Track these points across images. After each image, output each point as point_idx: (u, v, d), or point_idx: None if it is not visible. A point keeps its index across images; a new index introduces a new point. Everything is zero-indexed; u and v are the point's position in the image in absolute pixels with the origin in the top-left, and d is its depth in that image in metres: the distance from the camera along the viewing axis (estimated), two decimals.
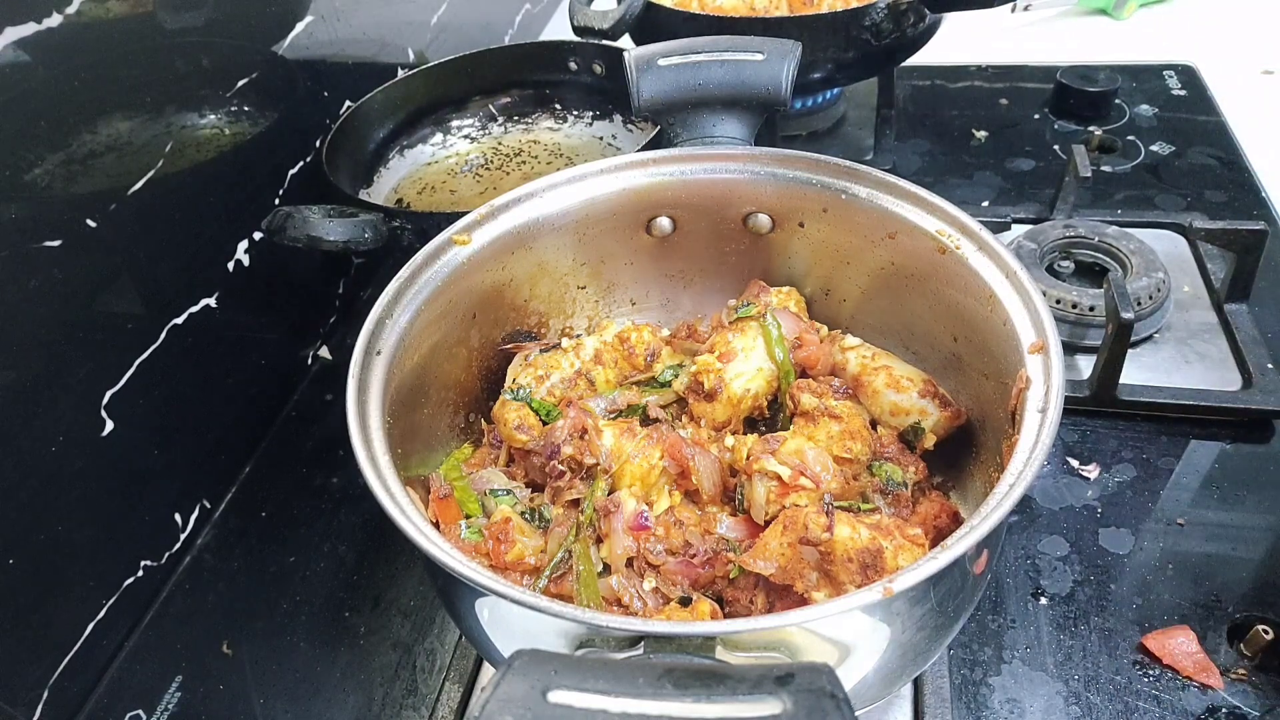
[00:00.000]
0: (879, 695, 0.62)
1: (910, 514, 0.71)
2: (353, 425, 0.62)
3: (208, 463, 1.00)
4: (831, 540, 0.60)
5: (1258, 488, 0.90)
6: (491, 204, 0.80)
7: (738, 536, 0.71)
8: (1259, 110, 1.45)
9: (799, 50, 0.81)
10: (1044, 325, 0.62)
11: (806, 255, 0.86)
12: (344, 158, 1.16)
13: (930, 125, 1.49)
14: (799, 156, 0.80)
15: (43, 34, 0.76)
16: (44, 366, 0.78)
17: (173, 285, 0.93)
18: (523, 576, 0.70)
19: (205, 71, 0.97)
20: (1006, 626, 0.81)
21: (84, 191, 0.82)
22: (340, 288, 1.25)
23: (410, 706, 0.81)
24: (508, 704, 0.37)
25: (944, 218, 0.73)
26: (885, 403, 0.77)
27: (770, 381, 0.81)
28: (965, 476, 0.76)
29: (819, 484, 0.69)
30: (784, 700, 0.37)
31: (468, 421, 0.84)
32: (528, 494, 0.77)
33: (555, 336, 0.90)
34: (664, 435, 0.75)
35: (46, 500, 0.79)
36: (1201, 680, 0.75)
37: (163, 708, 0.83)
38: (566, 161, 1.29)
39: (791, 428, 0.76)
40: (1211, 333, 1.04)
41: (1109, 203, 1.27)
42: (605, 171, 0.82)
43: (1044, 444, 0.55)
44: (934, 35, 1.30)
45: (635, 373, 0.85)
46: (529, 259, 0.83)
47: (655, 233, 0.87)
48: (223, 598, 0.92)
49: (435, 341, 0.77)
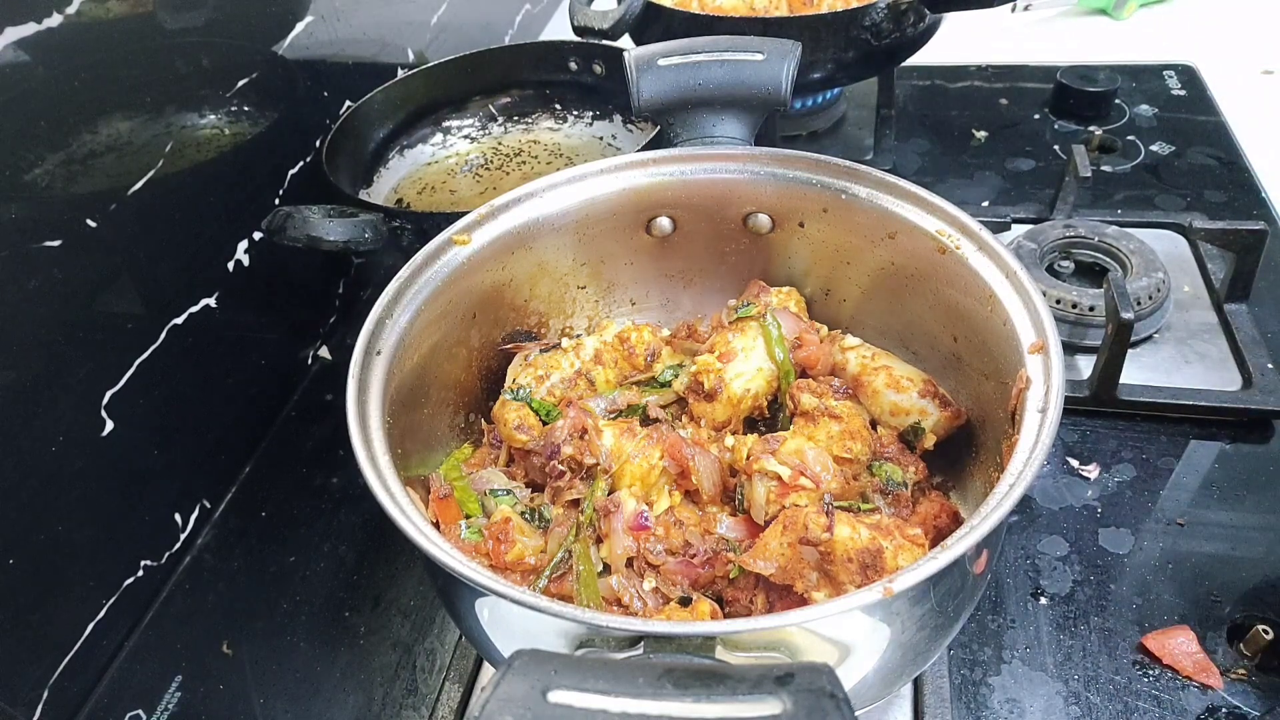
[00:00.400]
0: (879, 695, 0.62)
1: (910, 514, 0.71)
2: (353, 425, 0.62)
3: (208, 463, 1.00)
4: (831, 540, 0.60)
5: (1258, 488, 0.90)
6: (491, 204, 0.80)
7: (738, 536, 0.71)
8: (1259, 110, 1.45)
9: (799, 50, 0.81)
10: (1044, 325, 0.62)
11: (806, 255, 0.85)
12: (344, 158, 1.15)
13: (930, 125, 1.49)
14: (799, 156, 0.80)
15: (43, 34, 0.76)
16: (44, 366, 0.78)
17: (173, 285, 0.93)
18: (523, 576, 0.70)
19: (205, 71, 0.97)
20: (1006, 626, 0.81)
21: (84, 191, 0.82)
22: (340, 288, 1.25)
23: (410, 706, 0.81)
24: (508, 704, 0.37)
25: (944, 218, 0.73)
26: (885, 403, 0.77)
27: (770, 381, 0.81)
28: (965, 476, 0.76)
29: (819, 484, 0.69)
30: (784, 700, 0.37)
31: (468, 421, 0.84)
32: (528, 494, 0.77)
33: (555, 336, 0.90)
34: (664, 435, 0.75)
35: (46, 500, 0.79)
36: (1201, 680, 0.75)
37: (163, 708, 0.83)
38: (566, 161, 1.29)
39: (791, 428, 0.76)
40: (1211, 333, 1.04)
41: (1109, 203, 1.27)
42: (605, 171, 0.82)
43: (1044, 444, 0.55)
44: (934, 35, 1.30)
45: (635, 373, 0.85)
46: (529, 259, 0.83)
47: (655, 233, 0.87)
48: (223, 598, 0.92)
49: (435, 341, 0.77)
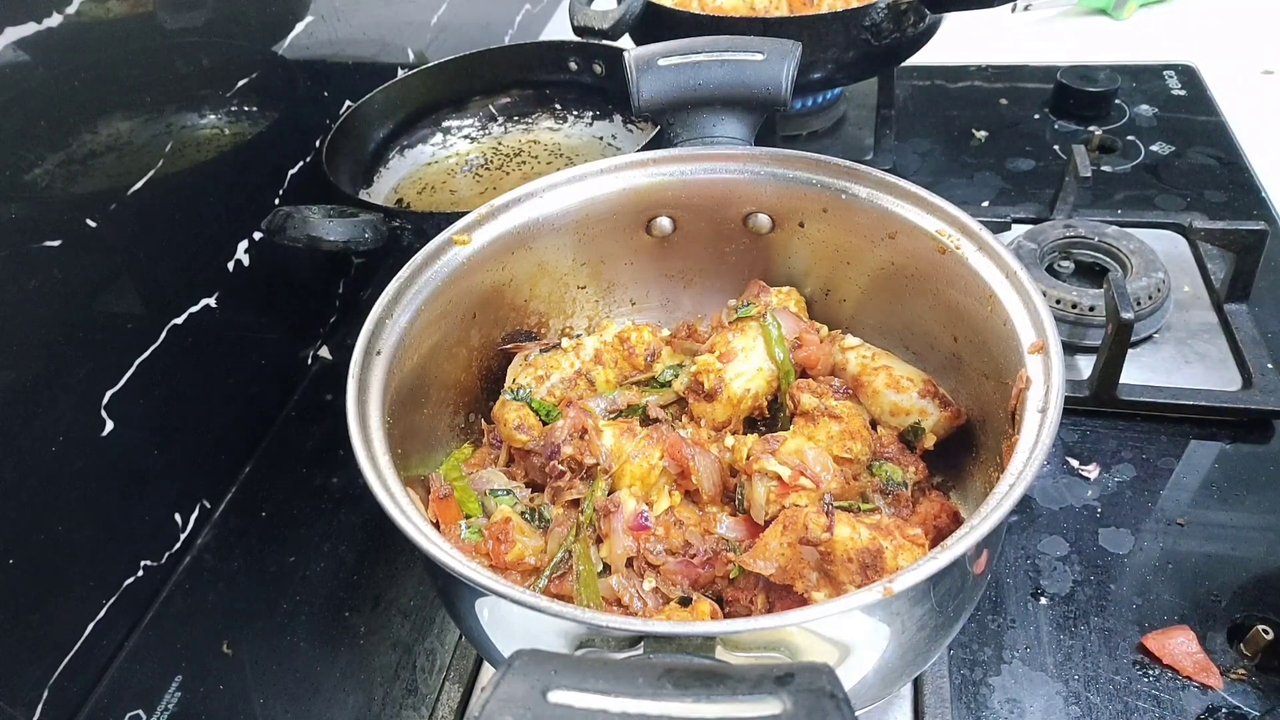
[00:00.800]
0: (879, 695, 0.62)
1: (910, 514, 0.71)
2: (353, 425, 0.62)
3: (208, 463, 1.00)
4: (831, 540, 0.60)
5: (1258, 488, 0.90)
6: (491, 204, 0.80)
7: (738, 536, 0.71)
8: (1259, 110, 1.45)
9: (799, 50, 0.81)
10: (1044, 325, 0.62)
11: (806, 255, 0.85)
12: (344, 158, 1.16)
13: (930, 125, 1.49)
14: (799, 156, 0.80)
15: (43, 34, 0.76)
16: (44, 366, 0.78)
17: (173, 285, 0.93)
18: (523, 576, 0.70)
19: (205, 71, 0.97)
20: (1006, 626, 0.81)
21: (84, 191, 0.82)
22: (340, 288, 1.25)
23: (410, 706, 0.81)
24: (508, 704, 0.37)
25: (944, 218, 0.73)
26: (885, 403, 0.77)
27: (770, 381, 0.81)
28: (965, 476, 0.76)
29: (819, 484, 0.69)
30: (784, 700, 0.37)
31: (468, 421, 0.84)
32: (528, 494, 0.77)
33: (555, 336, 0.90)
34: (664, 435, 0.75)
35: (46, 500, 0.79)
36: (1201, 680, 0.75)
37: (162, 708, 0.83)
38: (566, 161, 1.29)
39: (791, 428, 0.76)
40: (1211, 333, 1.04)
41: (1109, 203, 1.27)
42: (605, 171, 0.82)
43: (1044, 444, 0.55)
44: (934, 35, 1.30)
45: (635, 373, 0.85)
46: (529, 259, 0.83)
47: (655, 233, 0.87)
48: (223, 598, 0.92)
49: (435, 341, 0.77)
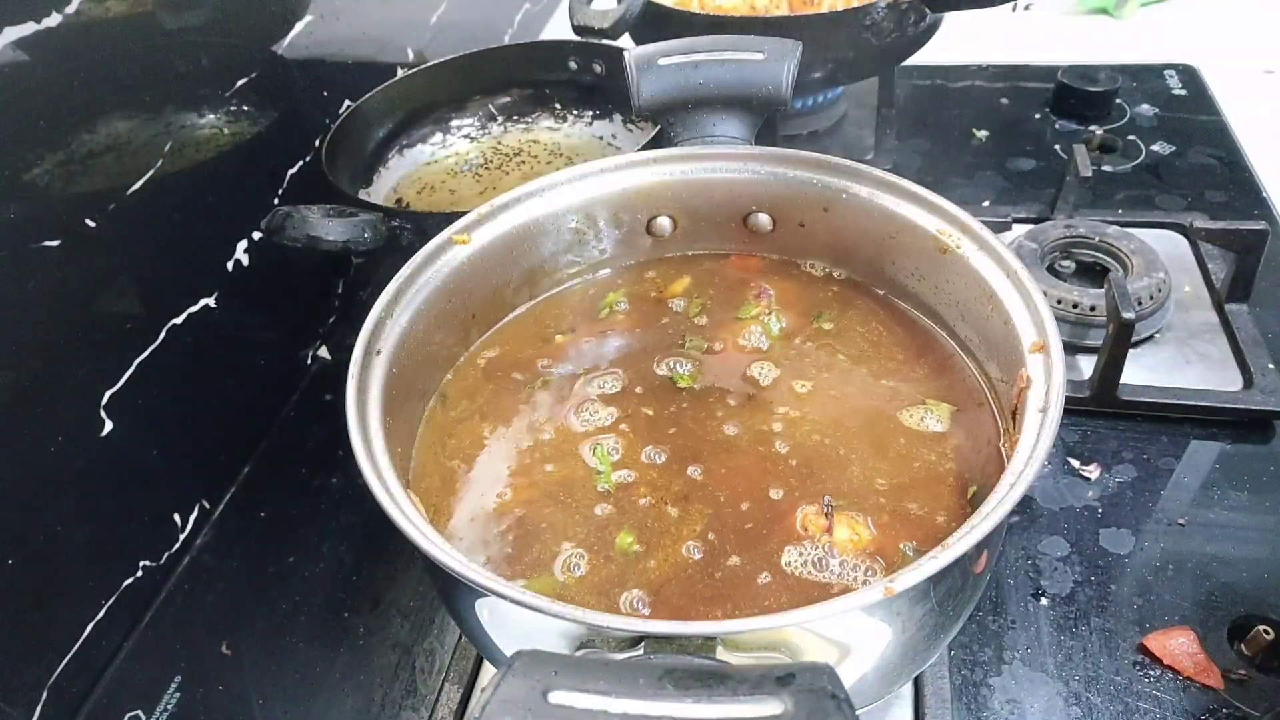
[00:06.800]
0: (879, 694, 0.62)
1: None
2: (352, 425, 0.62)
3: (207, 463, 1.00)
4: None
5: (1258, 488, 0.90)
6: (492, 203, 0.79)
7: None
8: (1259, 110, 1.45)
9: (799, 50, 0.81)
10: (1045, 325, 0.62)
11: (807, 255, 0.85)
12: (343, 157, 1.15)
13: (930, 125, 1.49)
14: (799, 156, 0.80)
15: (42, 34, 0.76)
16: (43, 366, 0.78)
17: (172, 285, 0.93)
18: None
19: (205, 71, 0.97)
20: (1007, 627, 0.81)
21: (83, 191, 0.82)
22: (340, 288, 1.25)
23: (410, 707, 0.81)
24: (508, 705, 0.37)
25: (945, 217, 0.73)
26: None
27: None
28: None
29: None
30: (785, 700, 0.37)
31: None
32: None
33: None
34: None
35: (46, 500, 0.79)
36: (1202, 680, 0.75)
37: (162, 708, 0.83)
38: (566, 161, 1.29)
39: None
40: (1212, 333, 1.04)
41: (1109, 203, 1.27)
42: (605, 171, 0.82)
43: (1044, 444, 0.55)
44: (934, 35, 1.30)
45: None
46: (529, 259, 0.83)
47: (655, 232, 0.87)
48: (222, 598, 0.92)
49: (436, 341, 0.76)
